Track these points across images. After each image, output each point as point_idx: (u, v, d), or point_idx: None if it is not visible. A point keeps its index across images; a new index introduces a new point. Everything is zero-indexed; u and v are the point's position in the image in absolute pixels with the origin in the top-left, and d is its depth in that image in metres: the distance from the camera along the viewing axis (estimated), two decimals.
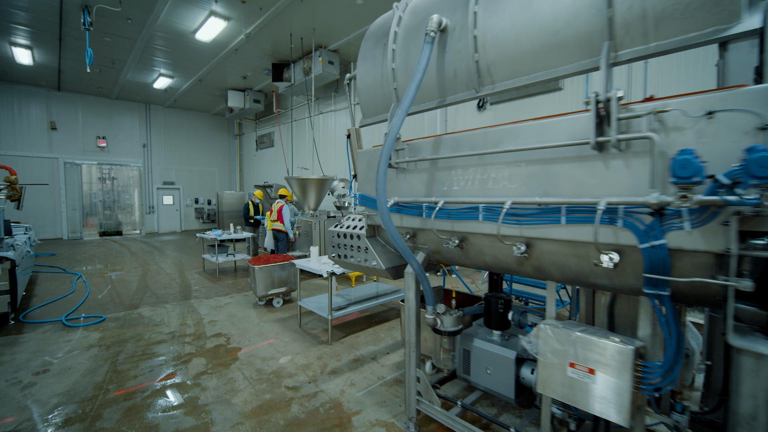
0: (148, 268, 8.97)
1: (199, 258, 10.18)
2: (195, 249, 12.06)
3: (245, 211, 9.39)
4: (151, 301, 6.19)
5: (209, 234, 8.19)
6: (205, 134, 18.76)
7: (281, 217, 7.30)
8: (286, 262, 5.73)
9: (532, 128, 1.94)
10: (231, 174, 19.72)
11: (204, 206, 18.53)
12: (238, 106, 14.66)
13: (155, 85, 13.73)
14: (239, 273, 8.42)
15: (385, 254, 2.95)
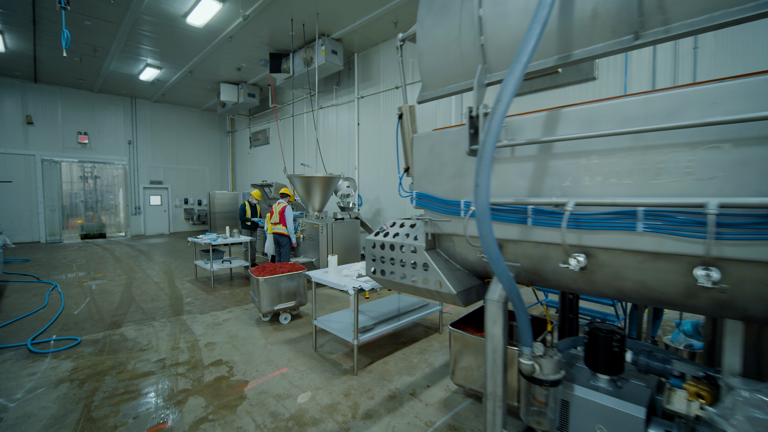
0: (134, 276, 8.08)
1: (191, 264, 9.31)
2: (185, 253, 11.16)
3: (241, 213, 8.57)
4: (136, 317, 5.35)
5: (202, 238, 7.35)
6: (196, 131, 17.78)
7: (284, 219, 6.52)
8: (294, 272, 4.96)
9: (748, 87, 1.22)
10: (223, 173, 18.77)
11: (194, 207, 17.56)
12: (231, 100, 13.78)
13: (141, 76, 12.76)
14: (236, 281, 7.60)
15: (451, 273, 2.23)
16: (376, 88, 10.43)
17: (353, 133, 11.12)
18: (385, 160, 10.26)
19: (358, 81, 10.88)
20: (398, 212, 9.89)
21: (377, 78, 10.39)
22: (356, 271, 4.17)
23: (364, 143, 10.89)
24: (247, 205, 8.66)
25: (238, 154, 18.07)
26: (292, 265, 5.18)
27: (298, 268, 5.07)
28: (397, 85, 9.76)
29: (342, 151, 11.64)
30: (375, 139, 10.51)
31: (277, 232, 6.58)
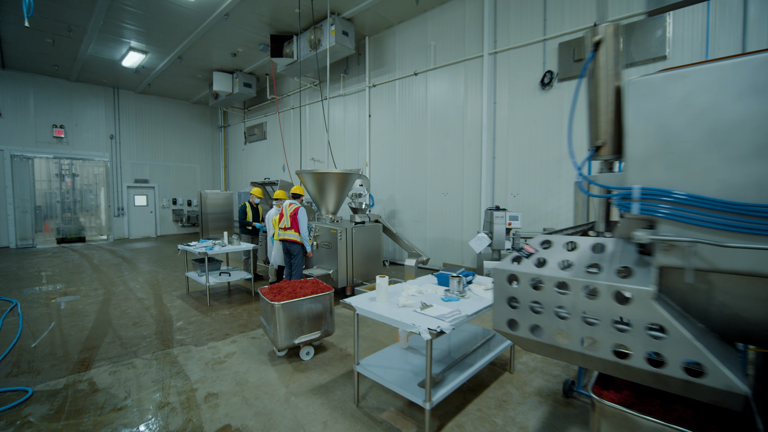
0: (114, 290, 6.84)
1: (181, 274, 8.09)
2: (174, 260, 9.91)
3: (242, 216, 7.39)
4: (112, 351, 4.17)
5: (196, 246, 6.17)
6: (185, 125, 16.44)
7: (296, 223, 5.39)
8: (320, 294, 3.85)
9: None
10: (215, 171, 17.45)
11: (183, 208, 16.23)
12: (225, 90, 12.53)
13: (124, 62, 11.43)
14: (236, 297, 6.43)
15: (708, 342, 1.16)
16: (390, 76, 9.34)
17: (363, 126, 10.01)
18: (401, 156, 9.17)
19: (370, 68, 9.78)
20: (417, 215, 8.82)
21: (392, 64, 9.30)
22: (415, 297, 3.08)
23: (376, 137, 9.79)
24: (248, 207, 7.49)
25: (231, 151, 16.78)
26: (315, 284, 4.07)
27: (323, 289, 3.96)
28: (416, 71, 8.69)
29: (350, 147, 10.51)
30: (389, 132, 9.41)
31: (287, 239, 5.44)
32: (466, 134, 7.88)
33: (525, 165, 7.03)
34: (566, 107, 6.47)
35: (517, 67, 7.06)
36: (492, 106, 7.43)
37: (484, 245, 6.11)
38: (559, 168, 6.60)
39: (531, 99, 6.91)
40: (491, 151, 7.48)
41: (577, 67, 6.28)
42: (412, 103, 8.87)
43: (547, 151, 6.74)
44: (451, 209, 8.19)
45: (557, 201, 6.64)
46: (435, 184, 8.49)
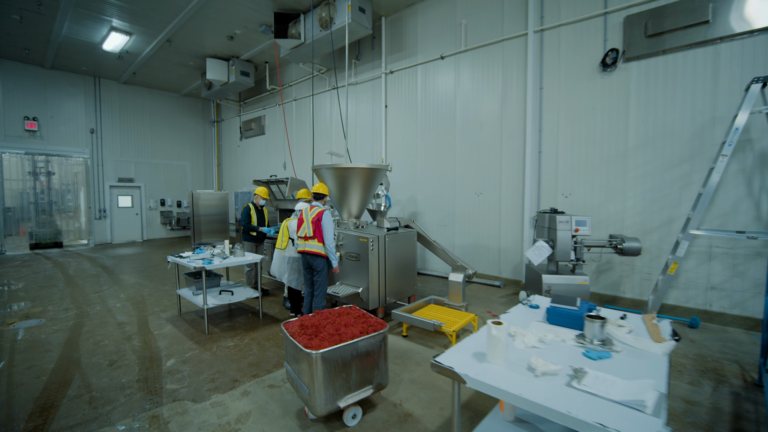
0: (88, 311, 5.62)
1: (171, 289, 6.88)
2: (163, 269, 8.66)
3: (245, 219, 6.23)
4: (76, 415, 3.00)
5: (191, 258, 5.00)
6: (174, 119, 15.10)
7: (321, 232, 4.27)
8: (373, 335, 2.74)
9: None
10: (207, 169, 16.13)
11: (173, 209, 14.91)
12: (219, 79, 11.30)
13: (106, 46, 10.12)
14: (239, 319, 5.28)
15: None
16: (410, 60, 8.26)
17: (378, 117, 8.91)
18: (424, 151, 8.10)
19: (386, 52, 8.68)
20: (444, 218, 7.75)
21: (413, 47, 8.22)
22: (539, 351, 2.00)
23: (393, 130, 8.70)
24: (252, 209, 6.32)
25: (225, 147, 15.50)
26: (361, 317, 2.95)
27: (374, 325, 2.85)
28: (442, 54, 7.62)
29: (362, 142, 9.40)
30: (409, 124, 8.33)
31: (308, 251, 4.30)
32: (504, 125, 6.84)
33: (580, 160, 6.02)
34: (635, 91, 5.47)
35: (571, 47, 6.05)
36: (538, 93, 6.40)
37: (544, 256, 5.06)
38: (624, 163, 5.60)
39: (588, 83, 5.90)
40: (537, 145, 6.45)
41: (650, 43, 5.28)
42: (438, 91, 7.80)
43: (609, 143, 5.73)
44: (486, 211, 7.15)
45: (622, 203, 5.63)
46: (466, 183, 7.43)
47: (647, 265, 5.47)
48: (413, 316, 4.26)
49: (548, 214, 5.35)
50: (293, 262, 4.89)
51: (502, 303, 5.92)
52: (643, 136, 5.44)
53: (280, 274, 4.93)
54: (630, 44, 5.44)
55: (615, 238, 5.04)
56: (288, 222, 4.96)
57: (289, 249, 4.85)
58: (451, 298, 4.96)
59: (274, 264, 4.99)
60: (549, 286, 5.07)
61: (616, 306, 5.63)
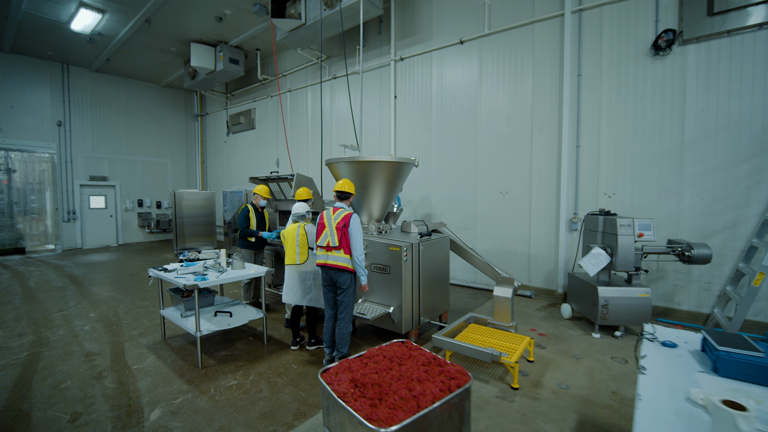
0: (48, 338, 4.57)
1: (152, 304, 5.86)
2: (142, 280, 7.57)
3: (243, 222, 5.28)
4: None
5: (178, 272, 4.04)
6: (154, 113, 13.84)
7: (348, 240, 3.41)
8: (458, 394, 1.91)
9: None
10: (190, 167, 14.91)
11: (152, 210, 13.66)
12: (205, 67, 10.22)
13: (74, 25, 8.91)
14: (238, 345, 4.35)
15: None
16: (424, 46, 7.47)
17: (387, 109, 8.08)
18: (439, 147, 7.32)
19: (396, 37, 7.87)
20: (463, 220, 6.99)
21: (426, 32, 7.44)
22: None
23: (403, 123, 7.89)
24: (252, 211, 5.38)
25: (210, 143, 14.33)
26: (435, 364, 2.12)
27: (455, 377, 2.03)
28: (462, 38, 6.86)
29: (367, 136, 8.54)
30: (422, 116, 7.54)
31: (332, 264, 3.43)
32: (535, 117, 6.13)
33: (626, 155, 5.36)
34: (693, 78, 4.84)
35: (615, 28, 5.39)
36: (575, 80, 5.72)
37: (601, 265, 4.36)
38: (680, 159, 4.96)
39: (636, 69, 5.24)
40: (574, 139, 5.76)
41: (713, 23, 4.66)
42: (456, 79, 7.04)
43: (661, 136, 5.09)
44: (513, 213, 6.42)
45: (677, 203, 5.00)
46: (489, 181, 6.69)
47: (707, 274, 4.85)
48: (463, 344, 3.45)
49: (602, 217, 4.65)
50: (317, 276, 3.98)
51: (541, 318, 5.19)
52: (702, 128, 4.81)
53: (300, 297, 3.97)
54: (689, 24, 4.80)
55: (678, 244, 4.38)
56: (290, 230, 4.02)
57: (310, 261, 3.95)
58: (496, 317, 4.18)
59: (288, 287, 4.03)
60: (606, 300, 4.36)
61: (669, 319, 4.99)
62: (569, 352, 4.08)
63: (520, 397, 3.18)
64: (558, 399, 3.15)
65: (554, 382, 3.44)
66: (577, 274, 5.10)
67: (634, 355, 2.37)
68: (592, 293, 4.52)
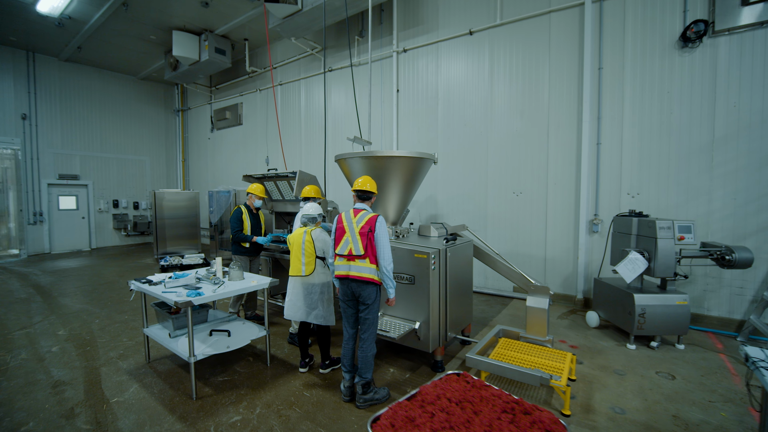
0: (7, 364, 3.87)
1: (133, 318, 5.19)
2: (119, 289, 6.83)
3: (236, 225, 4.69)
4: None
5: (167, 285, 3.45)
6: (131, 107, 12.90)
7: (374, 248, 2.91)
8: None
9: None
10: (170, 165, 14.01)
11: (129, 211, 12.72)
12: (188, 57, 9.48)
13: (40, 7, 8.04)
14: (237, 368, 3.79)
15: None
16: (429, 37, 7.05)
17: (388, 104, 7.61)
18: (445, 144, 6.91)
19: (399, 27, 7.41)
20: (472, 222, 6.60)
21: (432, 22, 7.01)
22: None
23: (406, 119, 7.44)
24: (245, 213, 4.79)
25: (192, 140, 13.49)
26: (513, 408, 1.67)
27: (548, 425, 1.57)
28: (471, 29, 6.47)
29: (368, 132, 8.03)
30: (427, 111, 7.11)
31: (356, 276, 2.92)
32: (551, 112, 5.79)
33: (651, 153, 5.07)
34: (724, 72, 4.58)
35: (639, 19, 5.09)
36: (596, 74, 5.40)
37: (639, 271, 4.02)
38: (709, 157, 4.70)
39: (662, 62, 4.96)
40: (595, 136, 5.45)
41: (748, 14, 4.40)
42: (465, 73, 6.64)
43: (690, 133, 4.82)
44: (528, 214, 6.07)
45: (706, 204, 4.73)
46: (501, 180, 6.32)
47: (738, 278, 4.60)
48: (505, 364, 3.02)
49: (635, 218, 4.32)
50: (325, 290, 3.46)
51: (566, 327, 4.83)
52: (734, 125, 4.56)
53: (305, 313, 3.44)
54: (721, 15, 4.54)
55: (715, 247, 4.10)
56: (295, 236, 3.49)
57: (318, 273, 3.41)
58: (530, 330, 3.78)
59: (291, 301, 3.50)
60: (643, 309, 4.03)
61: (698, 326, 4.72)
62: (609, 367, 3.72)
63: (576, 426, 2.77)
64: (618, 428, 2.76)
65: (606, 406, 3.05)
66: (604, 279, 4.76)
67: (747, 391, 1.97)
68: (626, 301, 4.19)
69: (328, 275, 3.48)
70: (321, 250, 3.39)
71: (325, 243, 3.38)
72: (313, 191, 3.90)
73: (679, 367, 3.74)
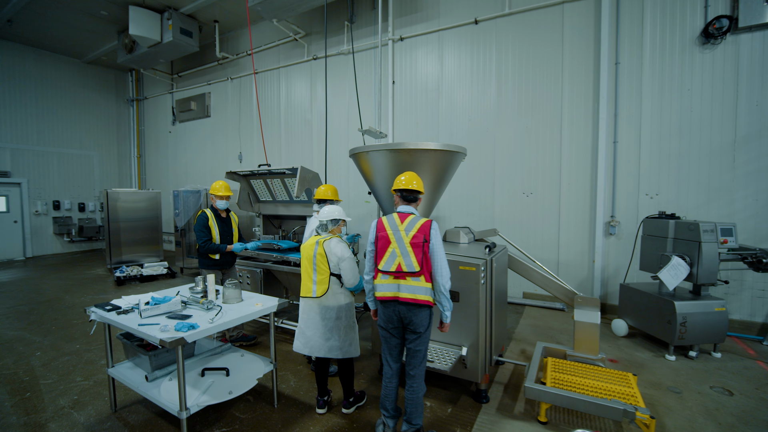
0: None
1: (88, 351, 4.19)
2: (65, 307, 5.65)
3: (201, 234, 3.87)
4: None
5: (146, 315, 2.62)
6: (75, 94, 11.25)
7: (428, 260, 2.32)
8: None
9: None
10: (123, 161, 12.44)
11: (73, 214, 11.09)
12: (148, 37, 8.29)
13: None
14: (232, 410, 3.02)
15: None
16: (429, 25, 6.55)
17: (384, 97, 7.02)
18: (448, 140, 6.44)
19: (394, 14, 6.85)
20: (479, 224, 6.17)
21: (432, 9, 6.52)
22: None
23: (403, 114, 6.89)
24: (211, 218, 3.98)
25: (150, 133, 12.04)
26: None
27: None
28: (477, 18, 6.05)
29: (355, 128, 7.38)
30: (427, 105, 6.61)
31: (409, 299, 2.30)
32: (565, 109, 5.50)
33: (670, 153, 4.89)
34: (746, 70, 4.47)
35: (658, 13, 4.90)
36: (613, 69, 5.15)
37: (681, 278, 3.75)
38: (731, 157, 4.58)
39: (682, 58, 4.79)
40: (611, 134, 5.20)
41: None
42: (469, 63, 6.20)
43: (711, 132, 4.68)
44: (539, 216, 5.74)
45: (728, 205, 4.61)
46: (509, 180, 5.94)
47: (761, 281, 4.52)
48: (576, 396, 2.55)
49: (673, 221, 4.06)
50: (343, 314, 2.78)
51: None
52: (756, 124, 4.46)
53: (320, 345, 2.75)
54: (745, 11, 4.41)
55: (748, 250, 3.93)
56: (306, 247, 2.80)
57: (333, 293, 2.74)
58: (579, 348, 3.35)
59: (301, 330, 2.80)
60: (684, 317, 3.76)
61: None
62: (661, 384, 3.39)
63: None
64: None
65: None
66: (632, 285, 4.49)
67: None
68: (664, 309, 3.91)
69: (348, 296, 2.81)
70: (336, 265, 2.71)
71: (341, 257, 2.67)
72: (329, 191, 3.23)
73: (728, 379, 3.49)
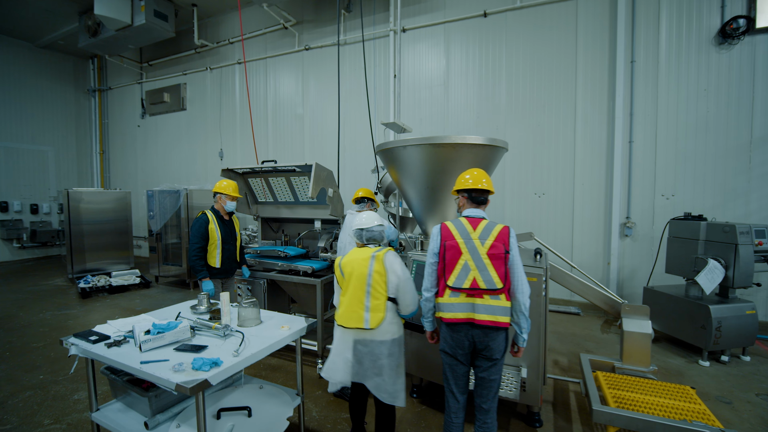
0: None
1: (55, 386, 3.49)
2: (20, 325, 4.81)
3: (197, 241, 3.31)
4: None
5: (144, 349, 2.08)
6: (26, 83, 9.99)
7: (507, 274, 1.94)
8: None
9: None
10: (83, 158, 11.23)
11: (24, 217, 9.85)
12: (116, 19, 7.42)
13: None
14: None
15: None
16: (434, 16, 6.24)
17: (385, 91, 6.62)
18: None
19: (397, 3, 6.46)
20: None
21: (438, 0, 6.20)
22: None
23: (406, 110, 6.53)
24: (213, 222, 3.43)
25: (115, 127, 10.94)
26: None
27: None
28: (486, 10, 5.79)
29: (357, 125, 6.94)
30: (432, 101, 6.29)
31: (487, 321, 1.91)
32: (578, 106, 5.34)
33: (686, 153, 4.84)
34: (763, 71, 4.47)
35: (675, 11, 4.83)
36: (628, 67, 5.05)
37: (717, 281, 3.64)
38: (747, 158, 4.57)
39: (699, 58, 4.74)
40: (627, 133, 5.10)
41: None
42: (477, 58, 5.93)
43: (727, 132, 4.66)
44: (551, 217, 5.56)
45: (744, 206, 4.60)
46: (519, 181, 5.73)
47: None
48: (655, 419, 2.28)
49: (704, 223, 3.95)
50: (396, 350, 2.25)
51: (615, 342, 4.34)
52: None
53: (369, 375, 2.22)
54: (763, 11, 4.40)
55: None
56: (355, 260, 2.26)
57: (388, 323, 2.20)
58: (628, 359, 3.12)
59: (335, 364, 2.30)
60: (719, 322, 3.65)
61: None
62: (708, 395, 3.23)
63: None
64: None
65: None
66: (657, 288, 4.37)
67: None
68: (696, 313, 3.79)
69: (400, 327, 2.30)
70: (395, 287, 2.21)
71: (401, 277, 2.18)
72: (370, 194, 2.79)
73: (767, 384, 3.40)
